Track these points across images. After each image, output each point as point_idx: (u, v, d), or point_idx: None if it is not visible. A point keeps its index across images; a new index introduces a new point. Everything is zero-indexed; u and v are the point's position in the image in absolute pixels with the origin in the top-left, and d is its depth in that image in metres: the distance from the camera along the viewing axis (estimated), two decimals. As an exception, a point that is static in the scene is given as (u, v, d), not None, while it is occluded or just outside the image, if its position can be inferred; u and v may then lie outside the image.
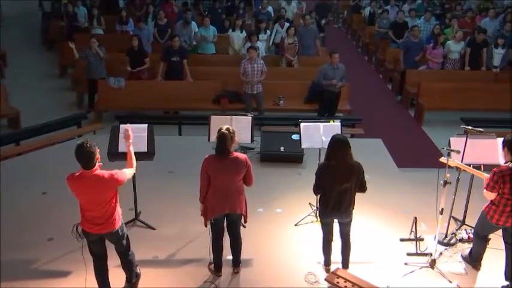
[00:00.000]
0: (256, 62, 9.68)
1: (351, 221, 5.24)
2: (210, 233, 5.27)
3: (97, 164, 4.53)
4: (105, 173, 4.53)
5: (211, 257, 5.42)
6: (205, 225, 5.23)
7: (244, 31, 12.31)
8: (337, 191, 5.00)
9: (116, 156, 5.90)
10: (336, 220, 5.30)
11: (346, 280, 4.75)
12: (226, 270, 5.48)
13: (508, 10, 15.62)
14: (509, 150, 4.98)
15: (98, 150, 4.55)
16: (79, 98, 11.35)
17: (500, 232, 5.32)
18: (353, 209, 5.15)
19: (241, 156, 5.04)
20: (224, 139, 4.90)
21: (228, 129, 4.95)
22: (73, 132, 9.26)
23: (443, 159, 5.46)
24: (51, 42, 15.53)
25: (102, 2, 15.75)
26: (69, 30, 13.73)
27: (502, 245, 5.36)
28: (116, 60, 11.02)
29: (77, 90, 11.54)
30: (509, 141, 5.00)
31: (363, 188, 5.11)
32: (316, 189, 5.18)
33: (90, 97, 10.92)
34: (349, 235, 5.34)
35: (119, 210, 4.78)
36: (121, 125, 6.12)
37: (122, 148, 5.97)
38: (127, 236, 5.00)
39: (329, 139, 5.09)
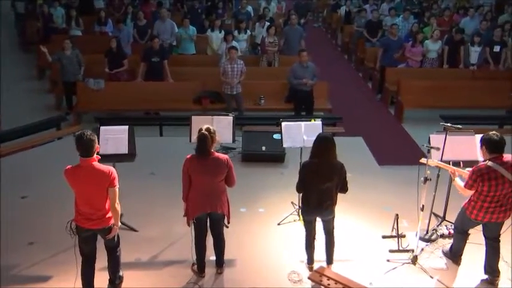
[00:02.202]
0: (236, 63, 9.67)
1: (333, 218, 5.27)
2: (193, 234, 5.26)
3: (95, 155, 4.60)
4: (103, 166, 4.62)
5: (194, 257, 5.40)
6: (188, 225, 5.21)
7: (223, 31, 12.29)
8: (318, 190, 5.02)
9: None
10: (318, 218, 5.33)
11: (329, 278, 4.77)
12: (210, 270, 5.47)
13: (481, 8, 15.89)
14: (486, 148, 5.04)
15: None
16: (58, 100, 11.22)
17: (479, 227, 5.39)
18: (334, 206, 5.17)
19: (222, 156, 5.03)
20: (204, 139, 4.88)
21: (208, 129, 4.93)
22: (52, 135, 9.16)
23: (423, 160, 5.52)
24: (27, 44, 15.31)
25: (80, 3, 15.58)
26: (46, 31, 13.56)
27: (482, 240, 5.43)
28: (95, 62, 10.91)
29: (55, 92, 11.41)
30: (486, 139, 5.05)
31: (344, 189, 5.14)
32: (299, 187, 5.19)
33: (67, 99, 10.79)
34: (333, 231, 5.36)
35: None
36: (101, 127, 6.07)
37: (101, 150, 5.90)
38: (118, 234, 5.02)
39: (310, 138, 5.11)
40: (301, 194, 5.32)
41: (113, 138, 6.00)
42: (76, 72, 10.51)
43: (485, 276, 5.40)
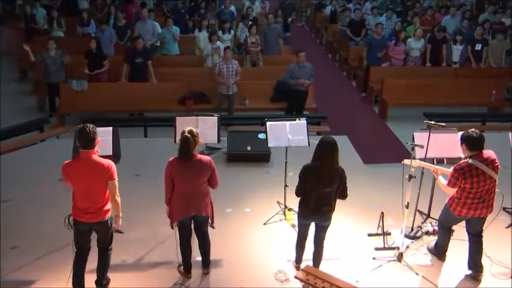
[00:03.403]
0: (231, 63, 9.68)
1: (328, 226, 5.19)
2: (178, 236, 5.25)
3: (96, 148, 4.67)
4: (102, 159, 4.69)
5: (180, 259, 5.39)
6: (172, 227, 5.20)
7: (210, 31, 12.26)
8: (318, 194, 4.96)
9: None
10: (313, 222, 5.26)
11: (316, 277, 4.78)
12: (197, 271, 5.45)
13: (463, 8, 16.07)
14: (467, 146, 5.09)
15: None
16: (40, 102, 11.10)
17: (463, 223, 5.45)
18: (332, 212, 5.12)
19: (205, 158, 5.00)
20: (186, 142, 4.85)
21: (190, 131, 4.89)
22: (35, 137, 9.06)
23: (406, 161, 5.56)
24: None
25: (62, 4, 15.42)
26: (28, 32, 13.40)
27: (465, 236, 5.49)
28: (78, 63, 10.81)
29: (37, 94, 11.29)
30: (466, 137, 5.10)
31: (343, 194, 5.08)
32: (299, 191, 5.09)
33: (50, 101, 10.69)
34: (323, 242, 5.30)
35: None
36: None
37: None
38: (112, 232, 5.06)
39: (295, 137, 5.09)
40: (293, 195, 5.24)
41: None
42: (60, 73, 10.41)
43: (469, 272, 5.47)
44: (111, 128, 6.07)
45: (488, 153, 5.09)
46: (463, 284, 5.40)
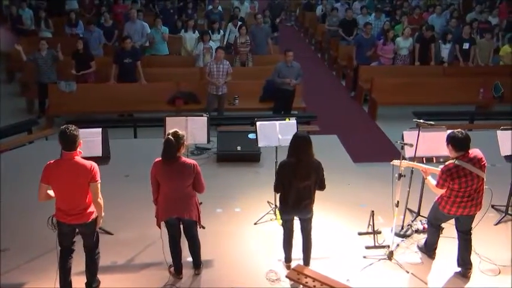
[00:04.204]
0: (222, 63, 9.65)
1: (311, 217, 5.27)
2: (167, 236, 5.24)
3: (78, 150, 4.63)
4: (85, 161, 4.63)
5: (168, 259, 5.37)
6: (159, 227, 5.18)
7: (196, 31, 12.25)
8: (297, 188, 5.02)
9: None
10: (296, 217, 5.33)
11: (307, 276, 4.79)
12: (188, 272, 5.45)
13: (451, 7, 16.20)
14: (453, 147, 5.12)
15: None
16: (29, 103, 11.02)
17: (452, 221, 5.49)
18: (313, 204, 5.19)
19: (190, 162, 4.96)
20: (169, 144, 4.82)
21: (174, 133, 4.86)
22: (23, 139, 8.98)
23: (395, 163, 5.59)
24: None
25: (49, 4, 15.31)
26: (15, 33, 13.28)
27: (455, 234, 5.53)
28: (66, 64, 10.74)
29: (26, 96, 11.20)
30: (452, 137, 5.13)
31: (322, 186, 5.15)
32: (277, 187, 5.18)
33: (40, 102, 10.61)
34: (310, 232, 5.36)
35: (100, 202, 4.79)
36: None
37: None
38: (98, 234, 5.02)
39: (286, 137, 5.12)
40: (278, 194, 5.32)
41: (87, 140, 5.93)
42: (51, 73, 10.35)
43: (458, 269, 5.51)
44: (100, 129, 6.05)
45: (474, 152, 5.13)
46: (452, 281, 5.44)
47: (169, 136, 4.84)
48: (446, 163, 5.13)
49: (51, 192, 4.70)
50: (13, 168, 7.66)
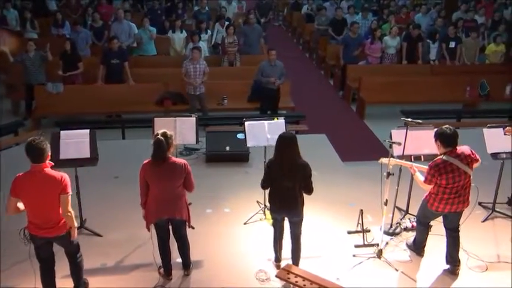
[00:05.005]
0: (198, 63, 9.61)
1: (301, 220, 5.23)
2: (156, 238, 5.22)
3: (47, 161, 4.48)
4: (54, 173, 4.47)
5: (158, 261, 5.36)
6: (148, 229, 5.16)
7: (184, 31, 12.21)
8: (282, 188, 5.03)
9: (57, 163, 5.72)
10: (286, 218, 5.30)
11: (296, 275, 4.80)
12: (177, 272, 5.43)
13: (437, 6, 16.30)
14: (441, 143, 5.18)
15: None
16: (14, 105, 10.91)
17: (440, 219, 5.53)
18: (302, 207, 5.16)
19: (180, 161, 4.96)
20: (159, 145, 4.80)
21: (164, 134, 4.85)
22: (10, 141, 8.89)
23: (384, 161, 5.62)
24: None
25: (35, 5, 15.17)
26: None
27: (443, 231, 5.58)
28: (53, 65, 10.66)
29: (11, 97, 11.09)
30: (440, 134, 5.18)
31: (308, 189, 5.08)
32: (263, 184, 5.21)
33: (27, 103, 10.52)
34: (300, 237, 5.32)
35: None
36: (61, 132, 5.96)
37: (63, 155, 5.82)
38: (77, 241, 4.92)
39: (274, 137, 5.12)
40: (264, 190, 5.33)
41: (74, 142, 5.91)
42: (39, 74, 10.26)
43: (447, 266, 5.55)
44: (88, 131, 6.01)
45: (462, 148, 5.18)
46: (441, 278, 5.48)
47: (159, 137, 4.82)
48: (435, 159, 5.18)
49: (20, 205, 4.51)
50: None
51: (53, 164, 4.58)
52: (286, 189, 5.02)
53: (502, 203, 6.78)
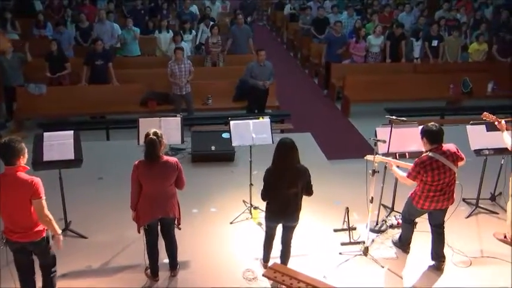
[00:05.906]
0: (183, 63, 9.57)
1: (295, 226, 5.21)
2: (145, 239, 5.18)
3: (22, 163, 4.35)
4: (26, 176, 4.31)
5: (147, 262, 5.33)
6: (139, 232, 5.13)
7: (171, 31, 12.15)
8: (284, 196, 4.95)
9: (41, 166, 5.69)
10: (280, 224, 5.26)
11: (283, 274, 4.79)
12: (164, 273, 5.41)
13: (420, 5, 16.42)
14: (427, 139, 5.22)
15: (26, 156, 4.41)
16: (-4, 106, 10.78)
17: (425, 216, 5.57)
18: (299, 212, 5.13)
19: (172, 160, 4.96)
20: (153, 145, 4.79)
21: (155, 133, 4.84)
22: (-8, 143, 8.76)
23: (369, 157, 5.64)
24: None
25: (16, 5, 14.98)
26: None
27: (428, 228, 5.63)
28: (35, 66, 10.54)
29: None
30: (426, 131, 5.23)
31: (309, 191, 5.09)
32: (265, 195, 5.05)
33: (7, 106, 10.38)
34: (290, 242, 5.31)
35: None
36: (45, 133, 5.89)
37: (46, 157, 5.76)
38: (54, 254, 4.78)
39: (259, 136, 5.09)
40: (259, 196, 5.19)
41: (58, 144, 5.85)
42: (17, 76, 10.13)
43: (432, 262, 5.60)
44: (72, 132, 5.96)
45: (448, 146, 5.23)
46: (427, 274, 5.53)
47: (152, 136, 4.80)
48: (421, 156, 5.21)
49: None
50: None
51: (28, 168, 4.46)
52: (288, 196, 4.95)
53: (486, 199, 6.87)
